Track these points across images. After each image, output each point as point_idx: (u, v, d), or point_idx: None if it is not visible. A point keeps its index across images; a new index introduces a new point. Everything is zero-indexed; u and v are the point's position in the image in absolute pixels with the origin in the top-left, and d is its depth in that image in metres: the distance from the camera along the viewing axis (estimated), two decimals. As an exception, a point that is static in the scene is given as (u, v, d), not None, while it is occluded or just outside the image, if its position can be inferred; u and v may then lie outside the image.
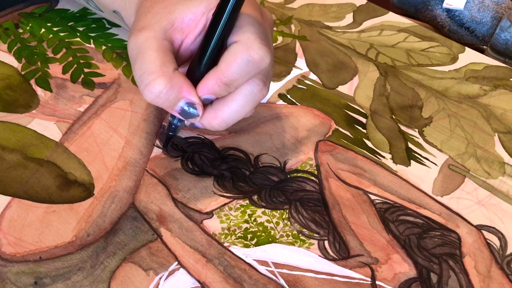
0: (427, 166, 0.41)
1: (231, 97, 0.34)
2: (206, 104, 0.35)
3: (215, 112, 0.35)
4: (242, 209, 0.37)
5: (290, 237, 0.36)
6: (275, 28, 0.53)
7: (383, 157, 0.41)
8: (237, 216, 0.36)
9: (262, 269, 0.34)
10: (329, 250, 0.35)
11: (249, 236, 0.35)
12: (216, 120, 0.35)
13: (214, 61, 0.34)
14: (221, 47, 0.34)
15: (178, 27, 0.35)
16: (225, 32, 0.33)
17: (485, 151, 0.43)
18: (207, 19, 0.35)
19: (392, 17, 0.57)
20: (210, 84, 0.33)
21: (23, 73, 0.45)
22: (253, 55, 0.32)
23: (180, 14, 0.34)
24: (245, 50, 0.32)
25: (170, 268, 0.33)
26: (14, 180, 0.37)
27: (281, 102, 0.45)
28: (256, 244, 0.35)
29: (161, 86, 0.32)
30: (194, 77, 0.34)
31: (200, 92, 0.34)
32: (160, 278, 0.33)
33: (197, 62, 0.34)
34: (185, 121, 0.37)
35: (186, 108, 0.33)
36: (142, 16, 0.35)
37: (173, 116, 0.37)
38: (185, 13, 0.35)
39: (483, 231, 0.37)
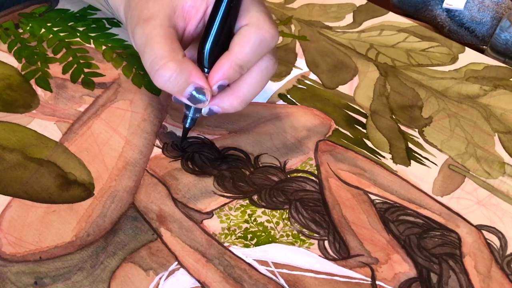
0: (427, 166, 0.41)
1: (249, 75, 0.36)
2: (219, 91, 0.35)
3: (235, 92, 0.36)
4: (242, 209, 0.37)
5: (290, 237, 0.36)
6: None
7: (383, 157, 0.41)
8: (237, 216, 0.36)
9: (262, 269, 0.34)
10: (329, 250, 0.35)
11: (249, 236, 0.35)
12: (238, 100, 0.36)
13: (223, 47, 0.35)
14: (229, 32, 0.35)
15: (179, 15, 0.35)
16: (231, 15, 0.34)
17: (485, 151, 0.43)
18: (207, 5, 0.36)
19: (392, 17, 0.57)
20: (224, 68, 0.34)
21: (23, 73, 0.45)
22: (265, 35, 0.34)
23: (180, 2, 0.35)
24: (257, 31, 0.34)
25: (170, 268, 0.33)
26: (14, 180, 0.37)
27: (281, 102, 0.45)
28: (256, 244, 0.35)
29: (171, 70, 0.33)
30: (202, 66, 0.35)
31: (214, 78, 0.34)
32: (160, 278, 0.33)
33: (203, 48, 0.35)
34: (203, 111, 0.37)
35: (195, 93, 0.34)
36: (142, 3, 0.36)
37: (188, 108, 0.38)
38: (184, 0, 0.35)
39: (483, 231, 0.37)
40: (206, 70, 0.35)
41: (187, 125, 0.38)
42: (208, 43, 0.35)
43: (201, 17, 0.36)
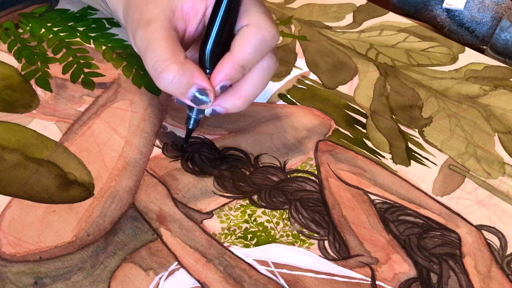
0: (427, 166, 0.41)
1: (251, 75, 0.36)
2: (222, 92, 0.35)
3: (237, 92, 0.36)
4: (242, 209, 0.37)
5: (290, 237, 0.36)
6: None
7: (383, 157, 0.41)
8: (237, 216, 0.36)
9: (262, 269, 0.34)
10: (329, 250, 0.35)
11: (249, 236, 0.35)
12: (240, 100, 0.36)
13: (224, 48, 0.35)
14: (230, 33, 0.35)
15: (179, 16, 0.35)
16: (231, 16, 0.34)
17: (485, 151, 0.43)
18: (206, 7, 0.36)
19: (392, 17, 0.57)
20: (226, 68, 0.34)
21: (23, 73, 0.45)
22: (266, 35, 0.34)
23: (179, 3, 0.35)
24: (257, 31, 0.34)
25: (170, 268, 0.33)
26: (14, 180, 0.37)
27: (281, 102, 0.45)
28: (256, 244, 0.35)
29: (174, 72, 0.33)
30: (203, 67, 0.35)
31: (217, 79, 0.34)
32: (160, 278, 0.33)
33: (204, 49, 0.35)
34: (206, 111, 0.37)
35: (198, 94, 0.34)
36: (142, 6, 0.36)
37: (191, 109, 0.37)
38: (183, 1, 0.35)
39: (483, 231, 0.37)
40: (208, 71, 0.35)
41: (190, 127, 0.38)
42: (209, 44, 0.34)
43: (200, 18, 0.36)
